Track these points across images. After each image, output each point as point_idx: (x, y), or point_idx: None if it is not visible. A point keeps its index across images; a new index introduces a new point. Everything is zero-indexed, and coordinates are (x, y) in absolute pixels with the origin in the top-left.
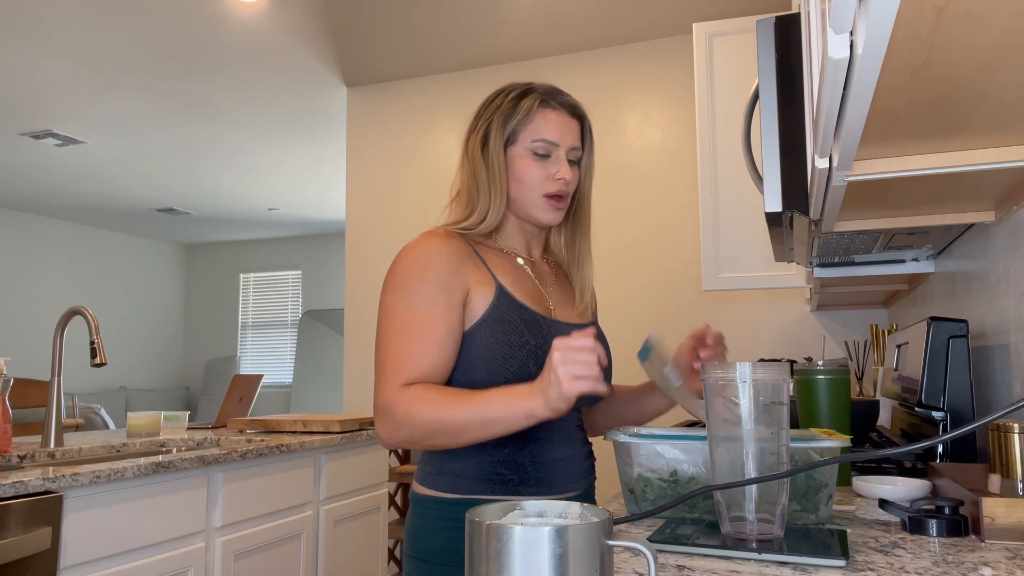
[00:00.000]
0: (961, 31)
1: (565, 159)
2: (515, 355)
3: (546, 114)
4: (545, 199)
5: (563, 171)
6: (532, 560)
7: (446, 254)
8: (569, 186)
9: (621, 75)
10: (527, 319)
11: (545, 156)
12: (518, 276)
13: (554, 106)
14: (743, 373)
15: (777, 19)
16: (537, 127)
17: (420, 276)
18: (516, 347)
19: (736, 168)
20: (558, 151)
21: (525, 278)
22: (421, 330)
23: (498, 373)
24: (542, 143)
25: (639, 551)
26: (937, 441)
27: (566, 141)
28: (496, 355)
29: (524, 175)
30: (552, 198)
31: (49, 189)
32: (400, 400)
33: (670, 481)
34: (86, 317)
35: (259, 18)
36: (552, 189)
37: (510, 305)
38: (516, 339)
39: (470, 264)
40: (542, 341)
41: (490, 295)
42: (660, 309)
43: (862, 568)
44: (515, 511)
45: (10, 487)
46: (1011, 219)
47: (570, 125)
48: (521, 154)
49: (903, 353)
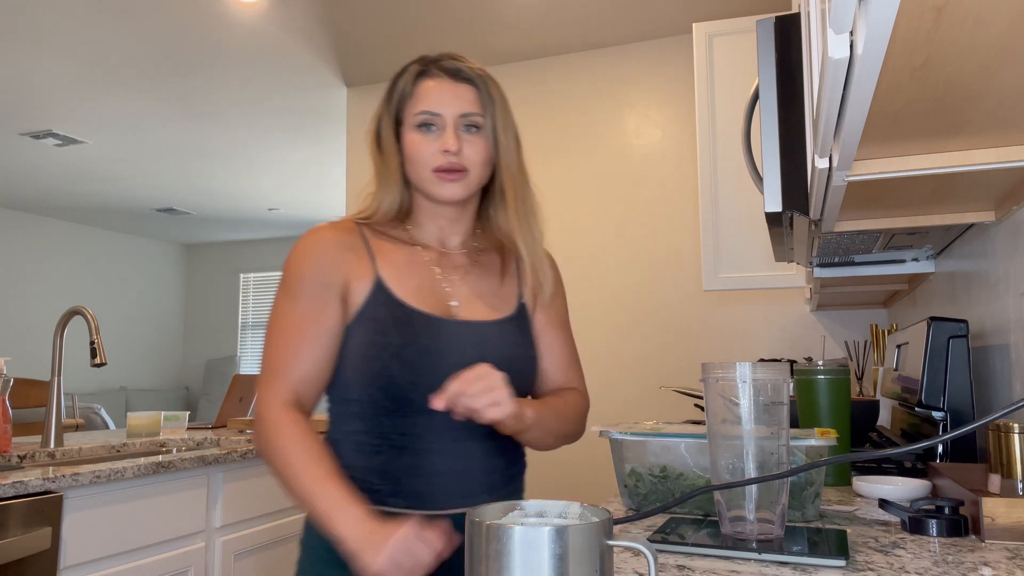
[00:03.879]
0: (961, 31)
1: (453, 129)
2: (378, 355)
3: (425, 84)
4: (435, 174)
5: (448, 141)
6: (532, 560)
7: (325, 248)
8: (462, 157)
9: (621, 75)
10: (398, 316)
11: (430, 128)
12: (412, 269)
13: (434, 74)
14: (743, 373)
15: (777, 19)
16: (417, 99)
17: (298, 272)
18: (380, 346)
19: (736, 168)
20: (442, 120)
21: (420, 271)
22: (298, 330)
23: (362, 373)
24: (423, 115)
25: (639, 551)
26: (937, 441)
27: (451, 109)
28: (361, 354)
29: (412, 152)
30: (442, 172)
31: (49, 189)
32: (266, 422)
33: (660, 476)
34: (86, 317)
35: (259, 18)
36: (439, 162)
37: (384, 301)
38: (381, 338)
39: (353, 256)
40: (410, 341)
41: (367, 289)
42: (660, 309)
43: (862, 568)
44: (515, 511)
45: (10, 487)
46: (1011, 219)
47: (455, 91)
48: (409, 132)
49: (903, 353)
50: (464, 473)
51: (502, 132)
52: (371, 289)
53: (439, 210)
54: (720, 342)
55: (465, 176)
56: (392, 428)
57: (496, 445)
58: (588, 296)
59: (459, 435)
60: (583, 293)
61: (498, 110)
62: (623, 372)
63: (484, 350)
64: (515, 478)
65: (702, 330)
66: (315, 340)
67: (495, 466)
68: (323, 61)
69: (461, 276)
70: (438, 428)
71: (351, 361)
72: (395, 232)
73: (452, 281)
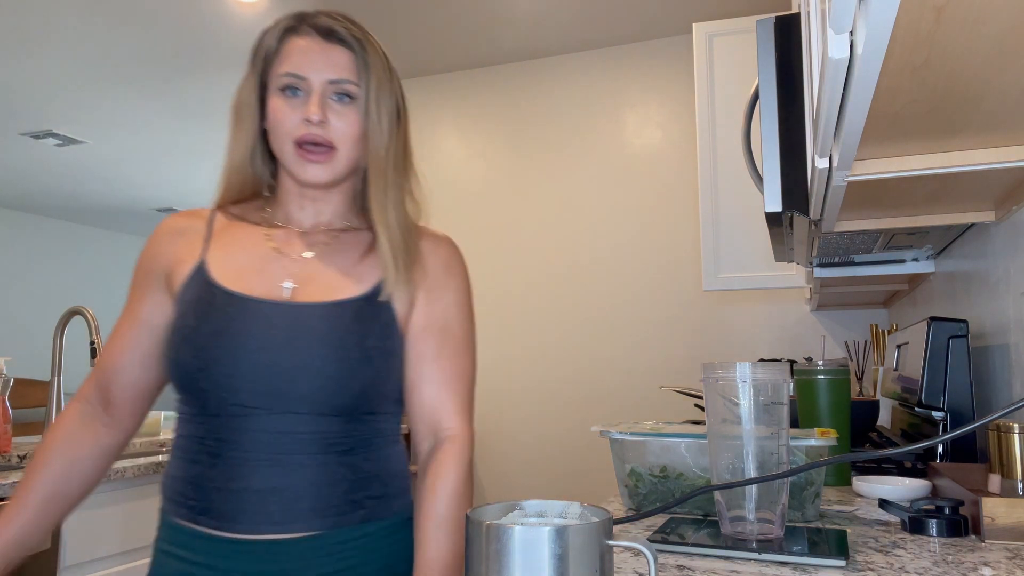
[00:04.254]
0: (961, 31)
1: (320, 96)
2: (171, 340)
3: (293, 43)
4: (298, 151)
5: (311, 108)
6: (532, 560)
7: (157, 237)
8: (329, 130)
9: (621, 75)
10: (202, 297)
11: (295, 93)
12: (245, 250)
13: (304, 32)
14: (743, 373)
15: (777, 19)
16: (282, 60)
17: (136, 266)
18: (175, 330)
19: (736, 168)
20: (308, 85)
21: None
22: (118, 324)
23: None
24: (286, 77)
25: (639, 551)
26: (937, 441)
27: (319, 73)
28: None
29: (273, 120)
30: (305, 147)
31: (49, 189)
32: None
33: (660, 476)
34: (86, 317)
35: (259, 18)
36: (300, 132)
37: (198, 283)
38: (179, 321)
39: (183, 242)
40: (203, 323)
41: (187, 273)
42: (660, 309)
43: (862, 568)
44: (515, 511)
45: (10, 487)
46: (1011, 219)
47: (326, 52)
48: (273, 96)
49: (903, 353)
50: (285, 493)
51: (374, 105)
52: (191, 272)
53: (302, 189)
54: (720, 342)
55: (332, 156)
56: (208, 432)
57: (338, 460)
58: (588, 296)
59: (286, 444)
60: (583, 293)
61: (375, 79)
62: (623, 372)
63: (296, 334)
64: (364, 505)
65: (702, 330)
66: (126, 331)
67: (332, 488)
68: None
69: (314, 257)
70: (257, 434)
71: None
72: (254, 215)
73: (295, 261)
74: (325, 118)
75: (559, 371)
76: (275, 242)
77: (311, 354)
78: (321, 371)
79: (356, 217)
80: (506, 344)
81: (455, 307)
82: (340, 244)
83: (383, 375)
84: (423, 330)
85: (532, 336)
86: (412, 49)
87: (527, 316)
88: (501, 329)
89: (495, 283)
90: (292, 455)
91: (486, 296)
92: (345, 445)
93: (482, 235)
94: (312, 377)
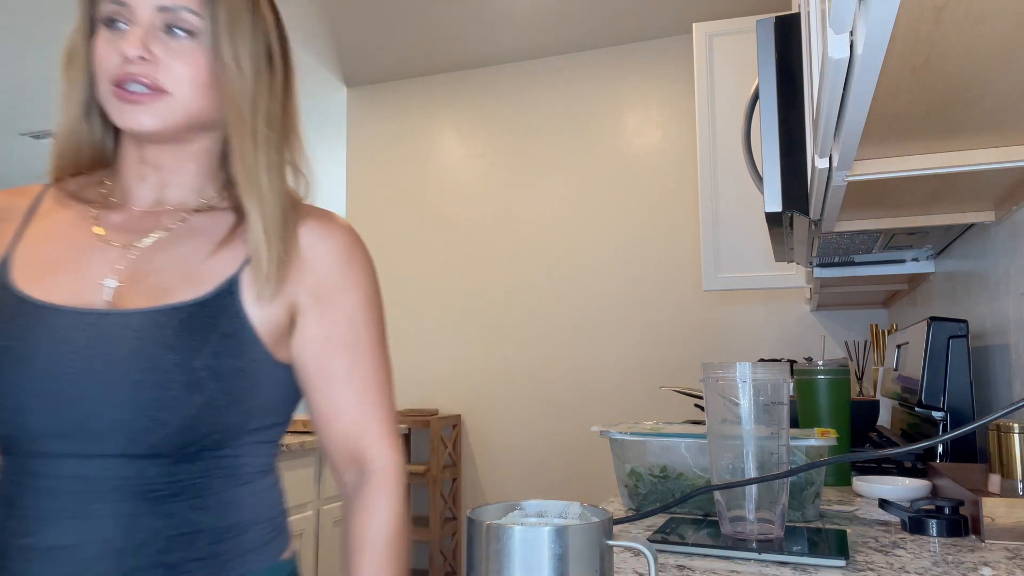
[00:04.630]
0: (961, 31)
1: (145, 27)
2: None
3: None
4: (112, 88)
5: (128, 40)
6: (532, 560)
7: None
8: (158, 68)
9: (621, 75)
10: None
11: (117, 25)
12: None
13: None
14: (743, 373)
15: (777, 19)
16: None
17: None
18: None
19: (736, 168)
20: (131, 12)
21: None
22: None
23: None
24: (107, 5)
25: (639, 551)
26: (937, 441)
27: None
28: None
29: (94, 59)
30: (121, 88)
31: None
32: None
33: (660, 476)
34: None
35: None
36: (117, 72)
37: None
38: None
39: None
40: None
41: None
42: (660, 309)
43: (862, 568)
44: (515, 511)
45: None
46: (1011, 219)
47: None
48: (97, 34)
49: (903, 353)
50: (79, 552)
51: (227, 42)
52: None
53: (143, 153)
54: (720, 342)
55: (160, 99)
56: (6, 475)
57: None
58: (587, 296)
59: (88, 493)
60: (582, 293)
61: (226, 9)
62: (623, 372)
63: (97, 353)
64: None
65: (702, 330)
66: None
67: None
68: (323, 61)
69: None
70: (56, 480)
71: None
72: (91, 191)
73: (124, 252)
74: (150, 55)
75: (559, 371)
76: (104, 227)
77: (112, 380)
78: (128, 401)
79: (218, 194)
80: (506, 344)
81: (361, 311)
82: (191, 228)
83: (222, 402)
84: (325, 344)
85: (532, 336)
86: (412, 49)
87: (527, 316)
88: (501, 329)
89: (494, 283)
90: (97, 503)
91: (486, 296)
92: (169, 491)
93: (482, 235)
94: (114, 409)
